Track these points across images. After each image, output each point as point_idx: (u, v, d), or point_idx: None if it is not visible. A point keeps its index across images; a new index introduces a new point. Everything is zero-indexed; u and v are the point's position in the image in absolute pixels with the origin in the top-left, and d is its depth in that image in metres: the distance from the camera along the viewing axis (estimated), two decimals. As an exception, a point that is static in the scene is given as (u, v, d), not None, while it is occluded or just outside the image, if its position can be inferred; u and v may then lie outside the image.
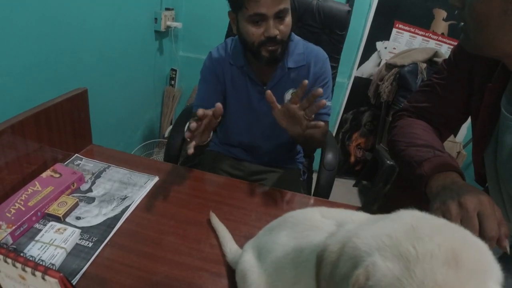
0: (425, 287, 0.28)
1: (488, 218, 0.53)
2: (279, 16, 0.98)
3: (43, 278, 0.32)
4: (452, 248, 0.30)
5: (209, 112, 0.81)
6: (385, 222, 0.37)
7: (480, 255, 0.32)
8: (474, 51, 0.65)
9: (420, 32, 2.13)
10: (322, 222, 0.49)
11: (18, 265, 0.32)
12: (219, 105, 0.81)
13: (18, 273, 0.33)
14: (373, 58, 2.25)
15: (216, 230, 0.77)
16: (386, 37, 2.17)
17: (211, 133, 0.95)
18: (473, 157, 0.83)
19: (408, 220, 0.35)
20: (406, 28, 2.13)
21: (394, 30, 2.14)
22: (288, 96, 1.17)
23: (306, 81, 0.85)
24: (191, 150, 0.78)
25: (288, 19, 1.02)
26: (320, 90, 0.82)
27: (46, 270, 0.32)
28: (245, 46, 1.08)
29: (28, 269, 0.32)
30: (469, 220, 0.53)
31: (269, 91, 0.87)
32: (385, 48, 2.20)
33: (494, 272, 0.31)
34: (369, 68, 2.28)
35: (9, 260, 0.33)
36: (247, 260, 0.59)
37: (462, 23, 0.64)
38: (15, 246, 0.64)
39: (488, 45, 0.61)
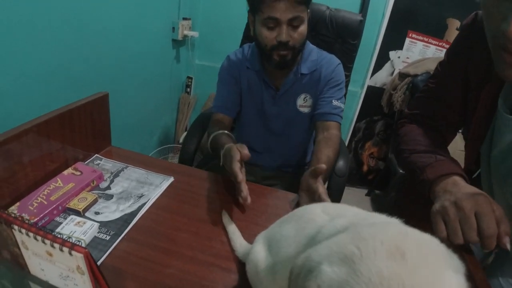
0: (372, 284, 0.28)
1: (485, 217, 0.54)
2: (293, 23, 1.02)
3: (70, 253, 0.35)
4: (395, 243, 0.30)
5: (238, 171, 0.85)
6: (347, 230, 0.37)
7: (429, 247, 0.32)
8: None
9: (434, 42, 2.14)
10: (319, 216, 0.50)
11: (47, 241, 0.36)
12: (247, 153, 0.86)
13: (46, 249, 0.37)
14: (386, 67, 2.26)
15: (227, 228, 0.80)
16: (399, 46, 2.19)
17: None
18: (466, 153, 0.83)
19: (358, 227, 0.35)
20: (420, 37, 2.14)
21: (408, 40, 2.16)
22: (299, 101, 1.20)
23: (323, 166, 0.85)
24: (245, 193, 0.84)
25: (303, 28, 1.05)
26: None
27: (72, 245, 0.35)
28: (259, 48, 1.12)
29: (57, 245, 0.35)
30: (466, 220, 0.54)
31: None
32: (398, 57, 2.22)
33: (453, 262, 0.31)
34: (382, 77, 2.29)
35: (39, 237, 0.36)
36: (258, 250, 0.61)
37: None
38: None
39: None
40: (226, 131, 1.11)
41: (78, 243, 0.34)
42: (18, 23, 1.14)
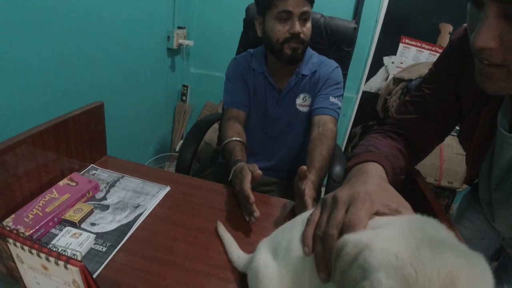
0: None
1: (353, 208, 0.49)
2: (303, 18, 1.10)
3: (65, 267, 0.35)
4: (451, 274, 0.32)
5: (250, 192, 0.85)
6: (397, 234, 0.39)
7: (479, 281, 0.33)
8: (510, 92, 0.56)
9: (427, 47, 2.16)
10: None
11: (42, 255, 0.35)
12: (259, 172, 0.87)
13: (41, 263, 0.36)
14: (381, 73, 2.28)
15: (223, 238, 0.79)
16: (393, 52, 2.21)
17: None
18: (468, 171, 0.83)
19: (417, 238, 0.36)
20: (413, 43, 2.16)
21: (401, 45, 2.18)
22: (298, 100, 1.23)
23: (304, 168, 0.82)
24: (258, 213, 0.84)
25: (310, 24, 1.14)
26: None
27: (68, 259, 0.34)
28: (268, 47, 1.17)
29: (52, 259, 0.35)
30: (335, 212, 0.51)
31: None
32: (392, 62, 2.24)
33: None
34: (377, 82, 2.31)
35: (34, 251, 0.36)
36: (262, 258, 0.60)
37: (493, 69, 0.52)
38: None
39: None
40: (240, 139, 1.11)
41: (74, 256, 0.34)
42: (12, 34, 1.14)
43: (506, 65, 0.50)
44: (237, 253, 0.74)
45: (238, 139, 1.11)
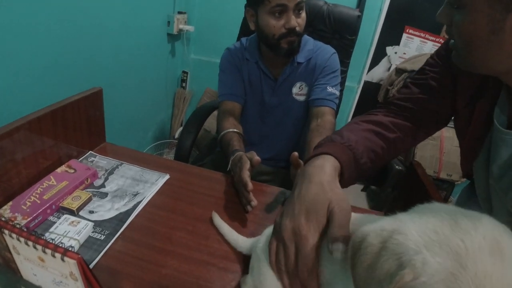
0: (478, 278, 0.30)
1: (300, 249, 0.51)
2: (298, 8, 1.05)
3: (62, 259, 0.34)
4: (496, 238, 0.32)
5: (248, 180, 0.83)
6: (420, 215, 0.37)
7: None
8: (467, 68, 0.63)
9: (431, 38, 2.13)
10: None
11: (39, 247, 0.34)
12: (258, 159, 0.85)
13: (38, 255, 0.35)
14: (383, 63, 2.26)
15: (220, 227, 0.79)
16: (396, 42, 2.18)
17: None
18: (462, 166, 0.82)
19: (444, 214, 0.36)
20: (417, 33, 2.13)
21: (405, 35, 2.15)
22: (295, 89, 1.21)
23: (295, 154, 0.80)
24: (255, 202, 0.83)
25: (304, 14, 1.09)
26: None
27: (65, 251, 0.34)
28: (263, 41, 1.13)
29: (48, 251, 0.34)
30: (287, 251, 0.52)
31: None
32: (395, 53, 2.21)
33: None
34: (379, 73, 2.29)
35: (30, 243, 0.35)
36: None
37: (452, 41, 0.61)
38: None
39: (479, 64, 0.59)
40: (237, 130, 1.12)
41: (70, 248, 0.33)
42: (12, 19, 1.11)
43: None
44: (241, 238, 0.75)
45: (235, 130, 1.11)
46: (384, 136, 0.76)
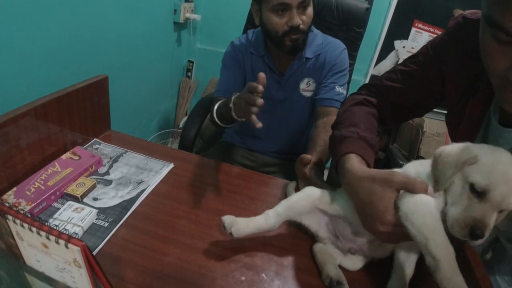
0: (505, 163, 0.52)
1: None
2: (302, 6, 1.02)
3: (66, 246, 0.34)
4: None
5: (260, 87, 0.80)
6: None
7: None
8: None
9: (440, 32, 2.10)
10: None
11: (43, 233, 0.34)
12: (262, 74, 0.81)
13: (41, 241, 0.35)
14: (391, 57, 2.23)
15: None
16: (405, 36, 2.15)
17: None
18: None
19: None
20: (426, 27, 2.10)
21: (413, 30, 2.12)
22: (302, 85, 1.20)
23: (309, 157, 0.91)
24: (259, 124, 0.83)
25: (310, 10, 1.06)
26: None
27: (69, 238, 0.34)
28: (267, 37, 1.11)
29: (52, 237, 0.34)
30: None
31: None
32: (404, 47, 2.18)
33: None
34: (386, 66, 2.26)
35: (33, 229, 0.35)
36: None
37: None
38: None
39: None
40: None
41: (75, 235, 0.33)
42: (16, 4, 1.11)
43: None
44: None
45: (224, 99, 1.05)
46: (376, 116, 0.89)
